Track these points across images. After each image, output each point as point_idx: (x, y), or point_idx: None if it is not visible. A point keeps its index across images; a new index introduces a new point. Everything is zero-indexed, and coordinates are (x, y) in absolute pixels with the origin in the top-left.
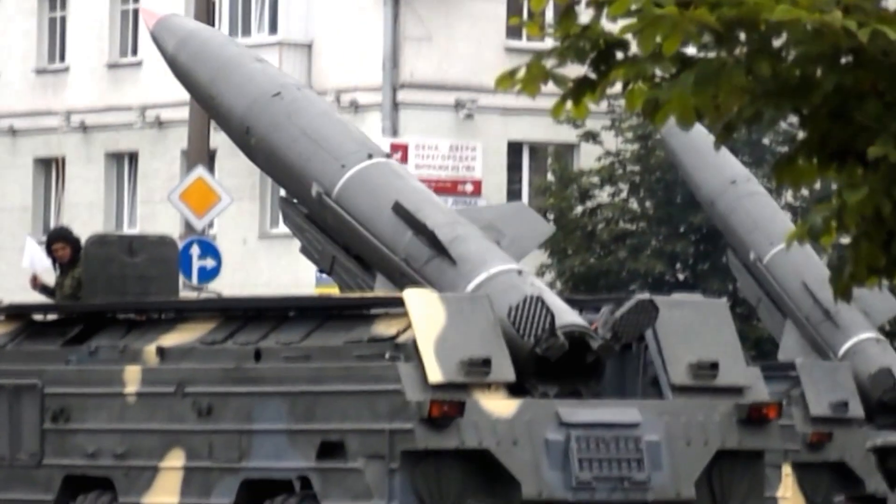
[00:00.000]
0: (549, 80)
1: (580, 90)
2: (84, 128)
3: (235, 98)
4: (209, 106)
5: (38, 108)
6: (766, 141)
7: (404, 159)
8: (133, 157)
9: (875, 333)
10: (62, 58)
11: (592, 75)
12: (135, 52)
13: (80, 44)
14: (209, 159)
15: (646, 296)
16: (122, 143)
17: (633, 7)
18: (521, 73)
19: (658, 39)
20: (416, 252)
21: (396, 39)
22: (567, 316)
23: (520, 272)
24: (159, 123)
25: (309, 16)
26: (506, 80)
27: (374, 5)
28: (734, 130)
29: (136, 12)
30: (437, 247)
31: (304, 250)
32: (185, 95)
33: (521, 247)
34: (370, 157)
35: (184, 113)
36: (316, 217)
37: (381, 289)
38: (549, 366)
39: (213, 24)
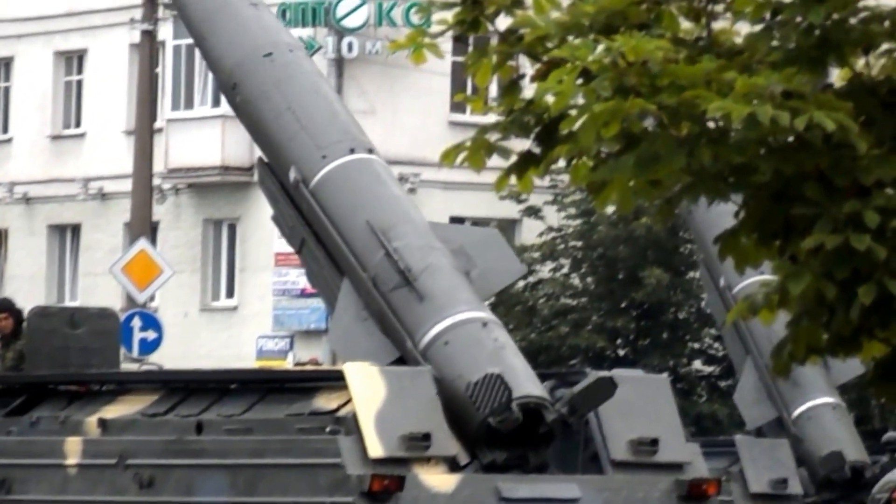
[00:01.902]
0: (494, 154)
1: (524, 164)
2: (27, 199)
3: (226, 48)
4: (200, 47)
5: None
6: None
7: None
8: (76, 229)
9: (833, 397)
10: (5, 129)
11: (537, 150)
12: (78, 123)
13: (23, 115)
14: (152, 231)
15: (605, 373)
16: (64, 215)
17: (573, 101)
18: (467, 147)
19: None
20: (385, 275)
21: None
22: (525, 385)
23: (485, 323)
24: (102, 195)
25: None
26: (451, 154)
27: None
28: (675, 207)
29: (79, 84)
30: (405, 279)
31: (275, 220)
32: (127, 167)
33: (491, 282)
34: (352, 151)
35: (127, 185)
36: (292, 193)
37: (345, 296)
38: (501, 433)
39: (155, 96)
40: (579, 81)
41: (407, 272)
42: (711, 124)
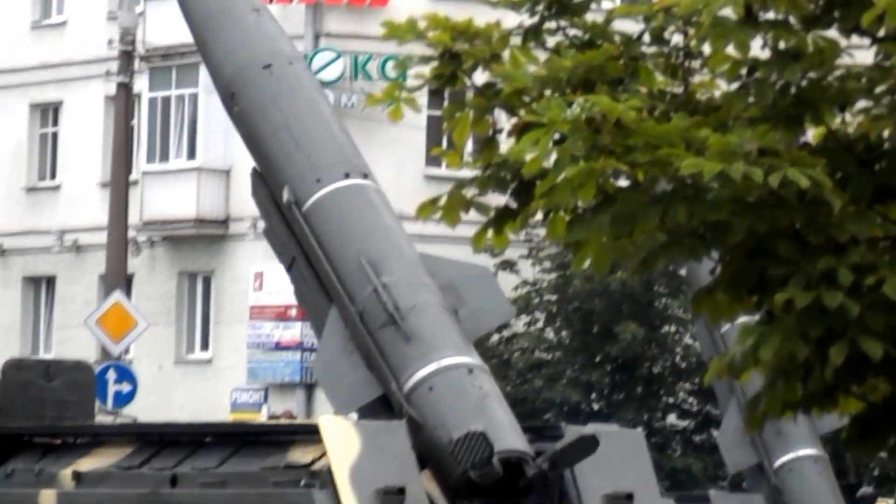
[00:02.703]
0: (470, 209)
1: (502, 220)
2: (1, 251)
3: (225, 55)
4: (201, 52)
5: None
6: (682, 272)
7: None
8: (50, 282)
9: (816, 449)
10: None
11: (513, 205)
12: (53, 175)
13: None
14: (127, 284)
15: (587, 430)
16: (39, 266)
17: (546, 165)
18: (443, 202)
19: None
20: (373, 311)
21: None
22: (508, 438)
23: (470, 370)
24: (77, 248)
25: (227, 141)
26: (427, 209)
27: None
28: (651, 267)
29: (54, 136)
30: (393, 318)
31: (266, 234)
32: (102, 220)
33: (479, 323)
34: (347, 175)
35: (102, 237)
36: (284, 212)
37: (332, 326)
38: (481, 486)
39: (130, 148)
40: (556, 136)
41: (395, 311)
42: (687, 182)
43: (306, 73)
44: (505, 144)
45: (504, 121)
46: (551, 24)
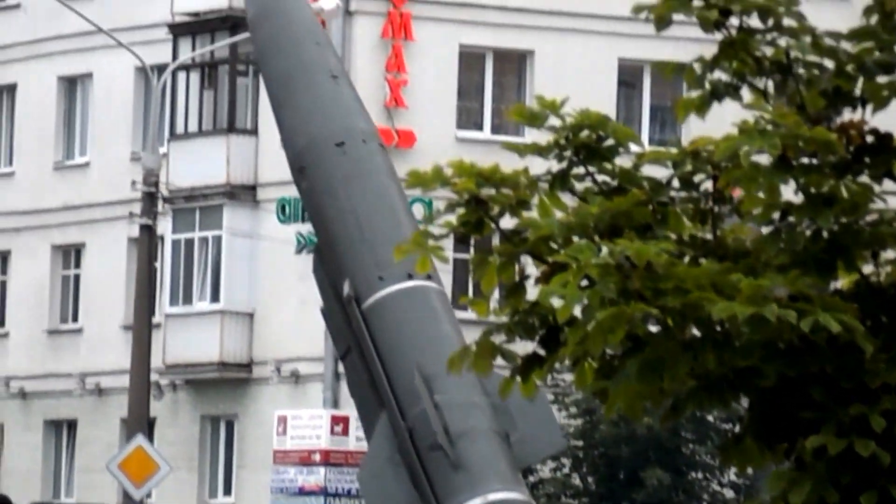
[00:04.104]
0: (499, 356)
1: (529, 367)
2: (23, 395)
3: (298, 124)
4: (275, 114)
5: None
6: (710, 417)
7: (345, 432)
8: (72, 425)
9: None
10: (1, 323)
11: (541, 352)
12: (75, 318)
13: (20, 309)
14: (149, 427)
15: None
16: (61, 410)
17: (576, 311)
18: (472, 350)
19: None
20: (423, 430)
21: None
22: None
23: None
24: (99, 391)
25: (251, 285)
26: (457, 361)
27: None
28: (680, 413)
29: (76, 278)
30: (442, 442)
31: (323, 313)
32: (124, 363)
33: (531, 450)
34: (410, 276)
35: (124, 381)
36: (343, 304)
37: (381, 434)
38: None
39: (154, 291)
40: (584, 283)
41: (445, 436)
42: (717, 327)
43: (380, 153)
44: (532, 291)
45: (531, 267)
46: (579, 170)
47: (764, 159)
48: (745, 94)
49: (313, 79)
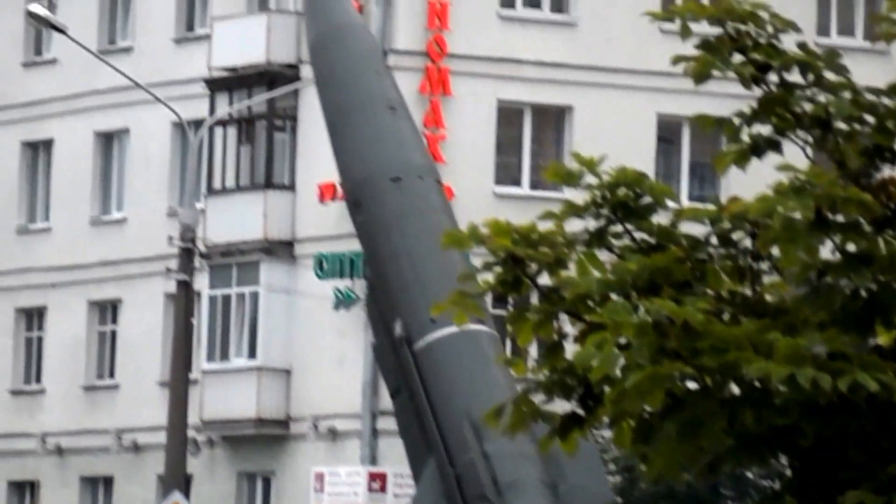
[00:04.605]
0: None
1: (568, 426)
2: (59, 451)
3: (354, 156)
4: (332, 141)
5: (13, 429)
6: (749, 474)
7: (383, 489)
8: (108, 482)
9: None
10: (38, 379)
11: (580, 411)
12: (112, 374)
13: (56, 365)
14: (185, 484)
15: None
16: (97, 466)
17: (612, 373)
18: (509, 411)
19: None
20: (471, 479)
21: (376, 366)
22: None
23: None
24: (135, 447)
25: (288, 341)
26: (492, 419)
27: (353, 331)
28: (719, 471)
29: (113, 334)
30: (490, 493)
31: (374, 349)
32: (161, 419)
33: (578, 502)
34: None
35: (161, 437)
36: (394, 342)
37: (429, 479)
38: None
39: (191, 347)
40: (622, 341)
41: (493, 484)
42: (755, 386)
43: (436, 189)
44: (571, 349)
45: (569, 326)
46: (616, 228)
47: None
48: (786, 146)
49: (371, 110)
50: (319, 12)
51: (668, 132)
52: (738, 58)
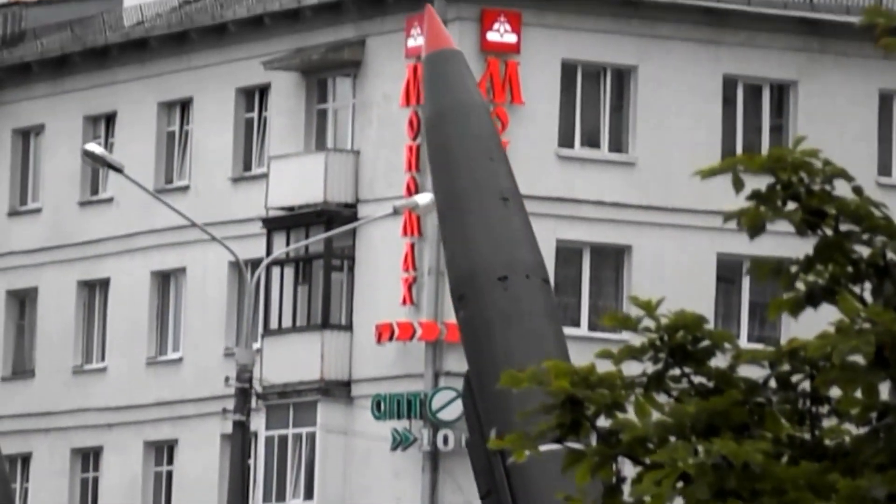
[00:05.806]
0: None
1: None
2: None
3: (461, 249)
4: (440, 226)
5: None
6: None
7: None
8: None
9: None
10: None
11: None
12: None
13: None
14: None
15: None
16: None
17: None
18: None
19: None
20: None
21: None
22: None
23: None
24: None
25: (346, 482)
26: None
27: (410, 472)
28: None
29: (169, 474)
30: None
31: (468, 447)
32: None
33: None
34: (559, 439)
35: None
36: (488, 450)
37: None
38: None
39: (247, 488)
40: (679, 485)
41: None
42: None
43: (542, 290)
44: (629, 492)
45: (628, 469)
46: (674, 371)
47: (861, 358)
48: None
49: (483, 200)
50: (441, 86)
51: (727, 272)
52: (791, 205)
